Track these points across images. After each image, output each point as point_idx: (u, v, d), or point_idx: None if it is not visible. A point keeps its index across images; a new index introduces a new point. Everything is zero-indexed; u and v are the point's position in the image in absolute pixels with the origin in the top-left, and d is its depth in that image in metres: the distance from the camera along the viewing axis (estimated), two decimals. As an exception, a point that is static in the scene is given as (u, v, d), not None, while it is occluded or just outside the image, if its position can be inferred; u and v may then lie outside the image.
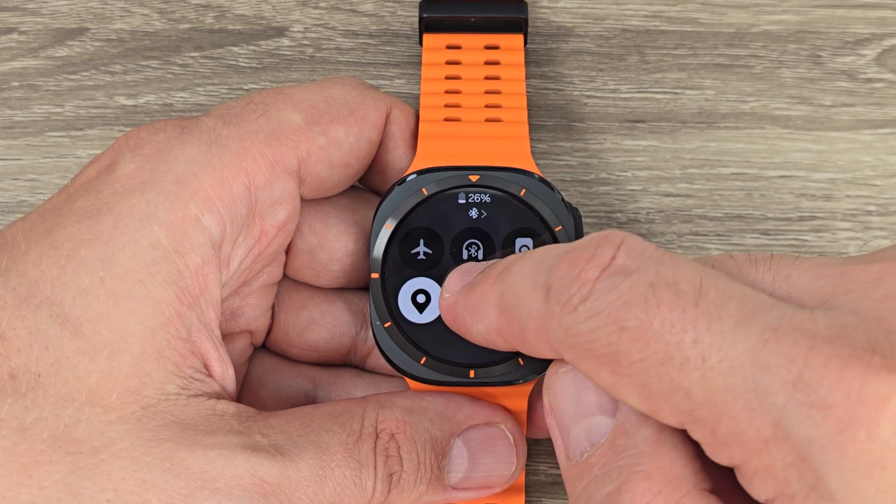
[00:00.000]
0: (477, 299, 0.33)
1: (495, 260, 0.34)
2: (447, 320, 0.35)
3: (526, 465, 0.40)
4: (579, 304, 0.29)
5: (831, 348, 0.27)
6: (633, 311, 0.29)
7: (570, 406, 0.32)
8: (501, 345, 0.33)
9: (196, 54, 0.45)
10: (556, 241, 0.37)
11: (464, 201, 0.38)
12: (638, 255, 0.30)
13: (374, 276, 0.37)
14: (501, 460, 0.36)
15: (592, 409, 0.32)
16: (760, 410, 0.27)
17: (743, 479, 0.29)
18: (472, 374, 0.37)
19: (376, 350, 0.38)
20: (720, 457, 0.29)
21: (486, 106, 0.39)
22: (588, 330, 0.29)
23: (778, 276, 0.31)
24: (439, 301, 0.36)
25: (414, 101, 0.41)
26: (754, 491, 0.29)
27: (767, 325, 0.28)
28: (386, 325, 0.37)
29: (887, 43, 0.45)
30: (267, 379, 0.39)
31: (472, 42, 0.41)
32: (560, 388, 0.32)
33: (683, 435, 0.30)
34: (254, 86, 0.45)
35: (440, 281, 0.37)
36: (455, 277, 0.35)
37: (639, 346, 0.29)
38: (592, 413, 0.32)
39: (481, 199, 0.38)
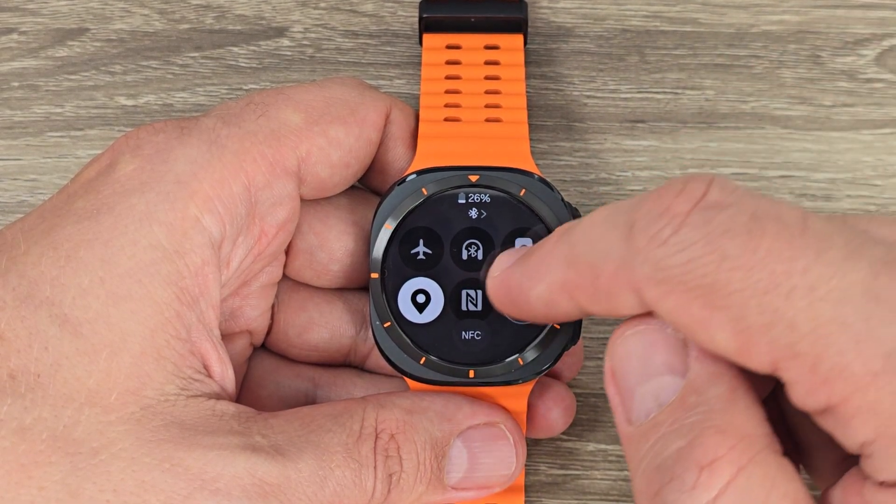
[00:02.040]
0: (537, 260, 0.32)
1: None
2: (497, 297, 0.34)
3: (526, 465, 0.40)
4: (670, 237, 0.28)
5: None
6: (735, 239, 0.27)
7: (636, 368, 0.31)
8: (563, 305, 0.32)
9: (196, 54, 0.45)
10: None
11: (463, 201, 0.38)
12: (732, 191, 0.29)
13: (374, 276, 0.37)
14: (501, 460, 0.36)
15: (660, 369, 0.30)
16: (871, 342, 0.26)
17: (835, 422, 0.28)
18: (471, 374, 0.37)
19: (376, 350, 0.38)
20: (814, 397, 0.27)
21: (486, 106, 0.39)
22: (681, 262, 0.28)
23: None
24: (487, 282, 0.34)
25: (414, 102, 0.41)
26: (850, 433, 0.27)
27: (878, 258, 0.27)
28: (386, 325, 0.37)
29: (887, 43, 0.45)
30: (266, 379, 0.39)
31: (472, 42, 0.41)
32: (625, 351, 0.31)
33: (755, 396, 0.29)
34: (254, 86, 0.45)
35: (440, 281, 0.37)
36: (503, 257, 0.34)
37: (740, 274, 0.27)
38: (661, 373, 0.30)
39: (481, 199, 0.38)
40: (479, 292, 0.37)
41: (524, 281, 0.33)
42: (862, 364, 0.26)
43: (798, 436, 0.32)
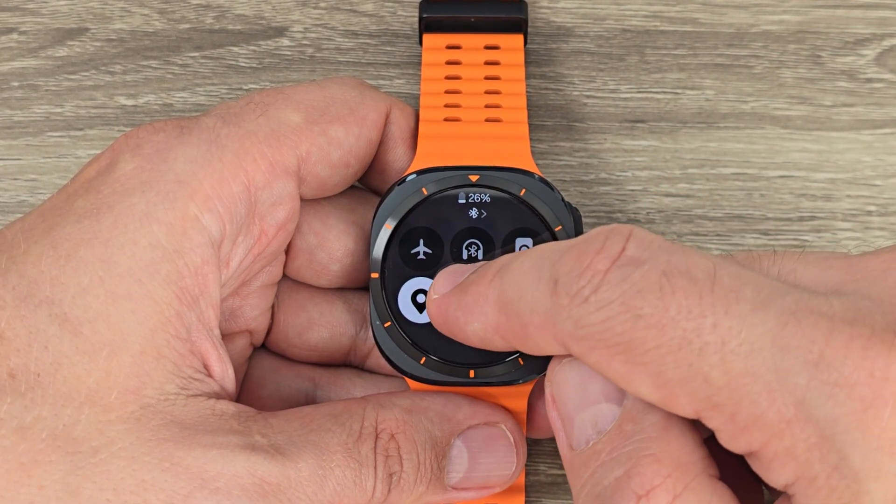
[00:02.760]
0: (472, 298, 0.33)
1: (485, 261, 0.34)
2: (437, 321, 0.35)
3: (526, 465, 0.39)
4: (590, 295, 0.30)
5: (852, 329, 0.28)
6: (647, 298, 0.29)
7: (575, 395, 0.32)
8: (498, 343, 0.33)
9: (196, 54, 0.45)
10: (555, 240, 0.37)
11: (464, 201, 0.38)
12: (647, 245, 0.30)
13: (374, 275, 0.37)
14: (501, 460, 0.36)
15: (598, 397, 0.32)
16: (782, 392, 0.28)
17: (760, 465, 0.29)
18: (471, 374, 0.37)
19: (376, 350, 0.38)
20: (737, 443, 0.29)
21: (486, 106, 0.39)
22: (600, 320, 0.29)
23: (783, 269, 0.31)
24: (427, 302, 0.36)
25: (414, 101, 0.41)
26: (773, 476, 0.29)
27: (785, 309, 0.28)
28: (386, 325, 0.37)
29: (887, 43, 0.45)
30: (267, 379, 0.39)
31: (472, 42, 0.41)
32: (564, 378, 0.32)
33: (691, 422, 0.30)
34: (254, 86, 0.45)
35: (440, 281, 0.37)
36: (443, 278, 0.35)
37: (655, 332, 0.29)
38: (598, 401, 0.32)
39: (481, 199, 0.38)
40: None
41: (460, 315, 0.34)
42: (776, 412, 0.28)
43: None
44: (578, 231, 0.37)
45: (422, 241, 0.37)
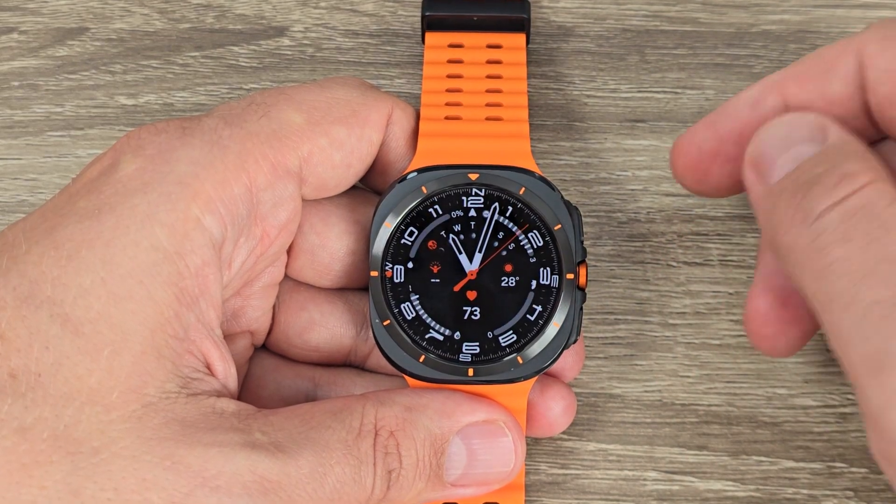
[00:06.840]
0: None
1: None
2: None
3: (526, 464, 0.40)
4: None
5: None
6: None
7: (778, 143, 0.34)
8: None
9: (196, 54, 0.45)
10: (554, 240, 0.37)
11: (463, 199, 0.38)
12: None
13: (374, 274, 0.37)
14: (500, 457, 0.36)
15: (802, 139, 0.33)
16: None
17: None
18: (470, 372, 0.37)
19: (376, 350, 0.38)
20: None
21: (487, 104, 0.39)
22: None
23: None
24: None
25: (414, 101, 0.41)
26: None
27: None
28: (385, 324, 0.37)
29: (887, 43, 0.45)
30: (267, 379, 0.39)
31: (475, 41, 0.41)
32: (768, 135, 0.34)
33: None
34: (254, 86, 0.45)
35: (439, 278, 0.37)
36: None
37: None
38: (801, 142, 0.33)
39: (480, 198, 0.38)
40: (478, 290, 0.37)
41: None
42: None
43: None
44: (578, 230, 0.37)
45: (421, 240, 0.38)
